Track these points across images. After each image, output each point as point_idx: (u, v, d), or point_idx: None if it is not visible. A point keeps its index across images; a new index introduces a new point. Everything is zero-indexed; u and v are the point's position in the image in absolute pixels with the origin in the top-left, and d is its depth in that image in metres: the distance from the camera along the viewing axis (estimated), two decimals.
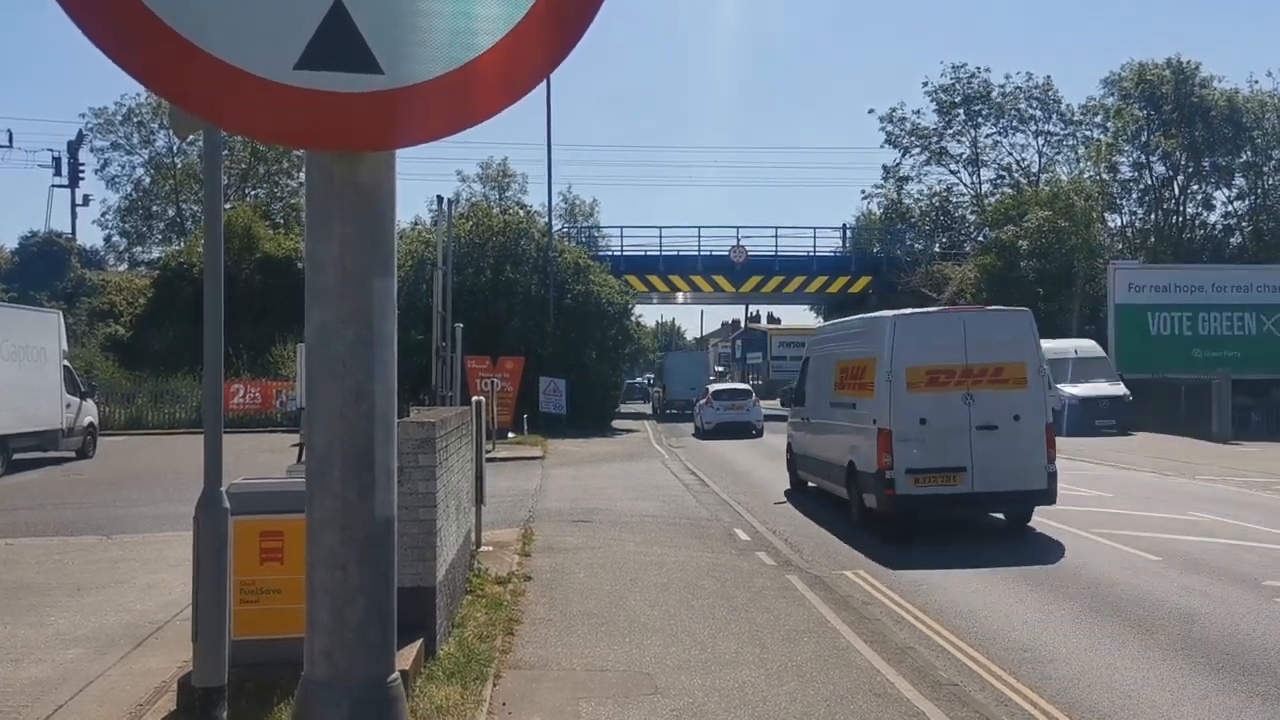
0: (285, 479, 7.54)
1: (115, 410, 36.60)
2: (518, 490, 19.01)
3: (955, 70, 57.35)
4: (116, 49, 1.84)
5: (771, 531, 14.78)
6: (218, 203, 6.12)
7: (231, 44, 1.83)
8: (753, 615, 9.56)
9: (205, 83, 1.86)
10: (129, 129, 57.45)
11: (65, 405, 24.75)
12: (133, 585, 10.53)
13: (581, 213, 69.43)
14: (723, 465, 25.11)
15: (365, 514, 1.96)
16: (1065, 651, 8.49)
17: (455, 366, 24.74)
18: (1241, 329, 36.91)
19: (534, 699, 7.10)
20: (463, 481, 10.27)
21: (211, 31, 1.83)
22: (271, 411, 36.99)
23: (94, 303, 47.27)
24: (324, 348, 1.96)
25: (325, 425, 1.96)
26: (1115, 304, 36.90)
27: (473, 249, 39.21)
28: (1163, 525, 14.54)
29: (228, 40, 1.83)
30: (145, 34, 1.82)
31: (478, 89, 1.95)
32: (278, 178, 57.12)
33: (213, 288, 5.93)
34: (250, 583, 6.66)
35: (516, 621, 9.24)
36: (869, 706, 6.95)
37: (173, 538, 12.39)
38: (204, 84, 1.86)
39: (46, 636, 8.54)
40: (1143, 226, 53.18)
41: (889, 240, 54.46)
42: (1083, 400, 32.03)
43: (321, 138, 1.91)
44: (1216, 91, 50.11)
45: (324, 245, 1.95)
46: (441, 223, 27.93)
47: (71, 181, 58.48)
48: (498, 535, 13.46)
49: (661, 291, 52.13)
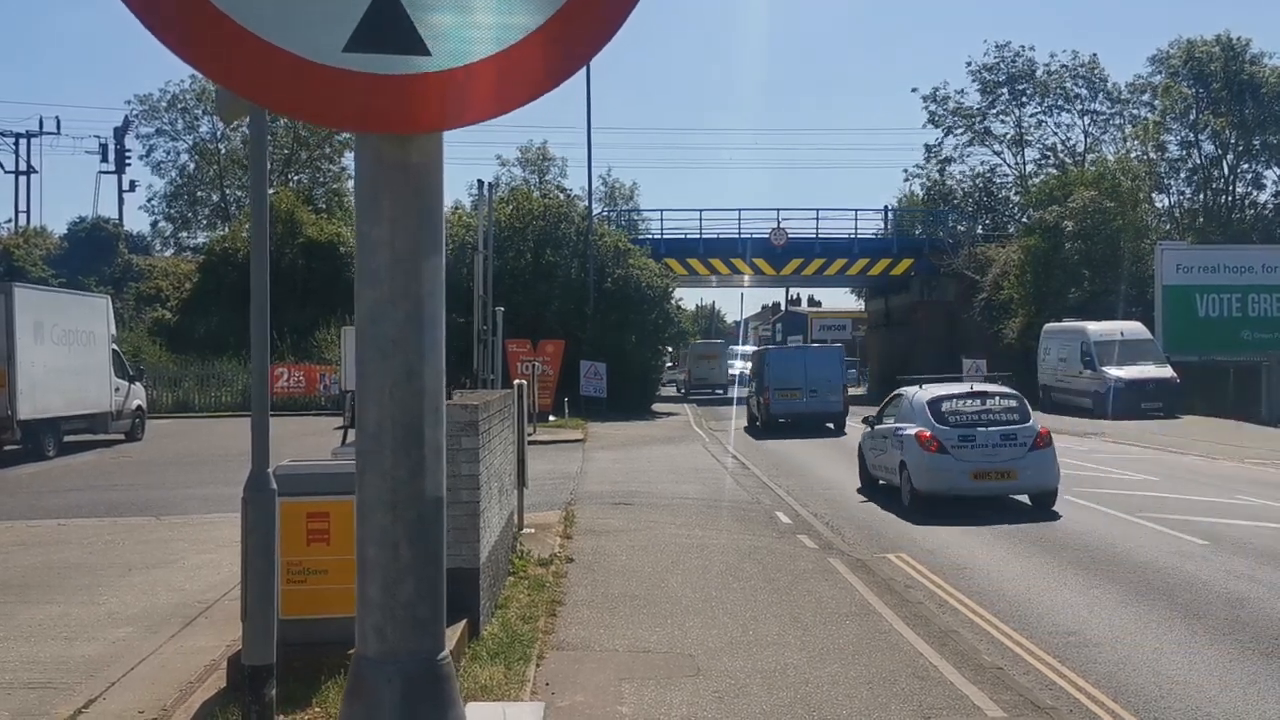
0: (331, 461, 7.62)
1: (163, 393, 37.08)
2: (559, 473, 19.09)
3: (999, 49, 56.46)
4: (169, 33, 1.86)
5: (813, 515, 14.75)
6: (263, 187, 6.17)
7: (281, 27, 1.85)
8: (794, 598, 9.55)
9: (255, 66, 1.87)
10: (174, 115, 58.00)
11: (114, 388, 25.15)
12: (182, 565, 10.71)
13: (621, 196, 69.35)
14: (766, 452, 25.05)
15: (416, 492, 1.98)
16: (1110, 635, 8.42)
17: (496, 350, 24.85)
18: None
19: (577, 679, 7.15)
20: (505, 464, 10.33)
21: (261, 15, 1.84)
22: (315, 395, 37.32)
23: (141, 287, 47.89)
24: (374, 327, 1.98)
25: (376, 404, 1.98)
26: (1163, 285, 36.36)
27: (513, 233, 39.30)
28: (1210, 509, 14.35)
29: (277, 23, 1.85)
30: (197, 18, 1.84)
31: (524, 71, 1.96)
32: (320, 163, 57.51)
33: (258, 271, 5.99)
34: (297, 563, 6.75)
35: (559, 603, 9.29)
36: (912, 689, 6.93)
37: (220, 519, 12.58)
38: (254, 67, 1.88)
39: (98, 615, 8.70)
40: (1191, 206, 52.22)
41: (931, 222, 53.88)
42: (1129, 383, 31.62)
43: (370, 120, 1.92)
44: (1267, 68, 49.02)
45: (374, 226, 1.96)
46: (482, 207, 28.03)
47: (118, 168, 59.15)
48: (540, 518, 13.53)
49: (701, 275, 51.91)
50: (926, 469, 14.68)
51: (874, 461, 16.83)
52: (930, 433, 14.76)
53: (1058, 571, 10.88)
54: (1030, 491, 14.82)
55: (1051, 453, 14.82)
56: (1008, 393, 16.17)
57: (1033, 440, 14.73)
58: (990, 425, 14.89)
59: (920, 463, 14.76)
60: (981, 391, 16.12)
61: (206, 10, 1.84)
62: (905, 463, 15.10)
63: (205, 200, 60.51)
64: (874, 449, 16.85)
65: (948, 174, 57.94)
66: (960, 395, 15.74)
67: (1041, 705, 6.70)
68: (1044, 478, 14.66)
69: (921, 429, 14.91)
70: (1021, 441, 14.67)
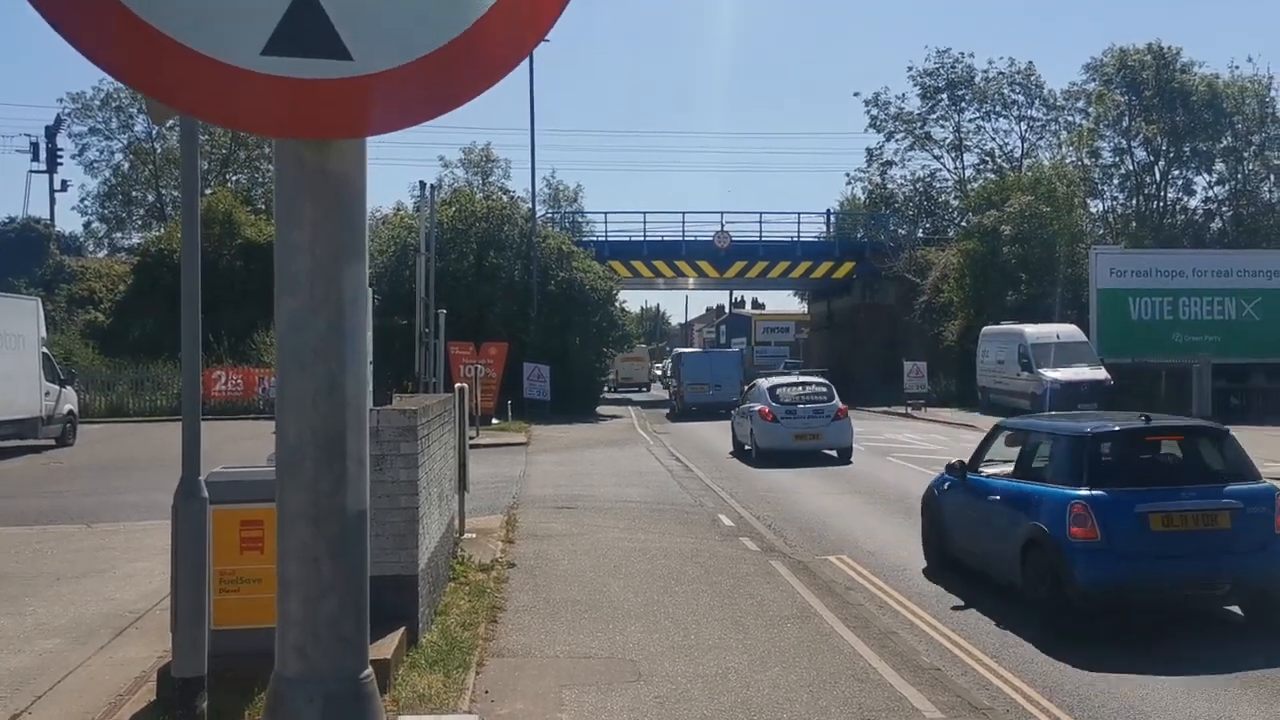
0: (265, 467, 7.49)
1: (95, 398, 36.28)
2: (501, 477, 18.98)
3: (939, 55, 57.34)
4: (82, 38, 1.79)
5: (755, 517, 14.80)
6: (195, 189, 6.05)
7: (197, 30, 1.79)
8: (736, 601, 9.57)
9: (171, 70, 1.81)
10: (107, 114, 56.81)
11: (44, 393, 24.53)
12: (112, 574, 10.47)
13: (565, 198, 69.21)
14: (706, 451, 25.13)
15: (338, 507, 1.93)
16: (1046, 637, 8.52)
17: (438, 352, 24.66)
18: (1221, 313, 37.07)
19: (517, 686, 7.09)
20: (445, 468, 10.23)
21: (177, 18, 1.78)
22: (254, 399, 36.73)
23: (73, 289, 46.86)
24: (295, 336, 1.92)
25: (296, 416, 1.92)
26: (1097, 289, 36.98)
27: (456, 235, 39.04)
28: None
29: (193, 26, 1.79)
30: (110, 22, 1.78)
31: (451, 74, 1.92)
32: (259, 163, 56.55)
33: (190, 275, 5.87)
34: (230, 572, 6.62)
35: (499, 609, 9.23)
36: (852, 691, 6.97)
37: (153, 526, 12.31)
38: (170, 72, 1.82)
39: (25, 627, 8.47)
40: (1124, 212, 53.26)
41: (873, 225, 54.44)
42: (1064, 384, 32.14)
43: (290, 125, 1.88)
44: (1197, 77, 50.17)
45: (294, 233, 1.91)
46: (424, 208, 27.83)
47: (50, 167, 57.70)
48: (481, 522, 13.43)
49: (646, 277, 52.00)
50: (765, 433, 21.82)
51: (738, 431, 23.82)
52: (769, 409, 21.90)
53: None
54: (832, 448, 21.74)
55: (848, 422, 22.15)
56: (821, 382, 24.02)
57: (834, 414, 21.99)
58: (807, 403, 22.24)
59: (761, 429, 21.89)
60: (804, 380, 24.65)
61: (120, 13, 1.77)
62: (753, 430, 22.11)
63: (140, 201, 59.32)
64: (738, 423, 23.94)
65: (889, 178, 58.72)
66: (790, 383, 23.89)
67: (979, 706, 6.77)
68: (841, 439, 21.82)
69: (763, 406, 22.02)
70: (827, 415, 21.95)
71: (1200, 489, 8.66)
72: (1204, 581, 8.40)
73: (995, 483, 10.03)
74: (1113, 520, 8.35)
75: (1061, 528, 8.47)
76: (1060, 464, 9.14)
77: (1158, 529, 8.35)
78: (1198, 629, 8.77)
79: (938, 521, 11.02)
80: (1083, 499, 8.47)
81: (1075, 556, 8.34)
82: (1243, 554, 8.42)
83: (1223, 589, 8.50)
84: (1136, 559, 8.33)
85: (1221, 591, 8.56)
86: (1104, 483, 8.65)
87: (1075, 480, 8.73)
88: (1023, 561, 9.00)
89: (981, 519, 10.03)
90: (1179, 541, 8.41)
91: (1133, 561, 8.32)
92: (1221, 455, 9.10)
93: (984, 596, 9.69)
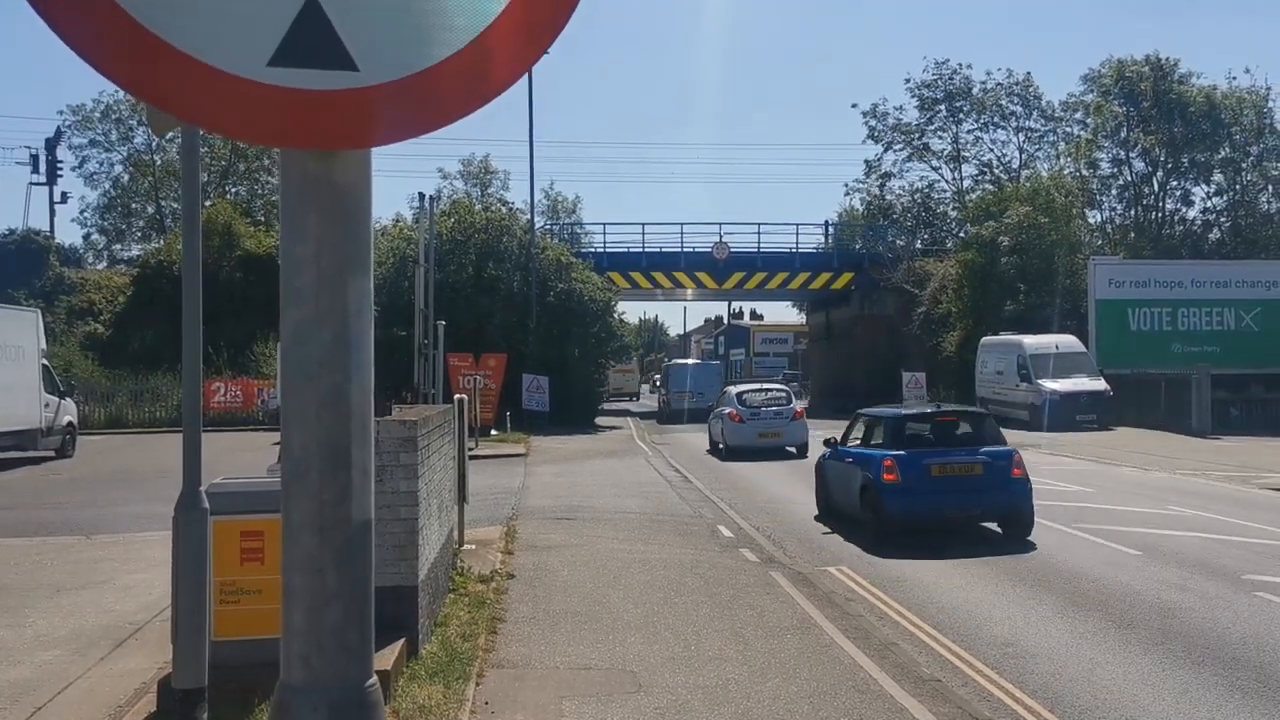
0: (265, 478, 7.49)
1: (95, 409, 36.25)
2: (501, 488, 18.96)
3: (937, 66, 57.47)
4: (88, 47, 1.80)
5: (755, 528, 14.79)
6: (196, 201, 6.07)
7: (203, 41, 1.80)
8: (736, 612, 9.56)
9: (177, 80, 1.82)
10: (107, 126, 56.92)
11: (44, 404, 24.54)
12: (112, 586, 10.46)
13: (564, 209, 69.25)
14: (703, 462, 25.13)
15: (343, 517, 1.94)
16: (1047, 646, 8.53)
17: (437, 364, 24.67)
18: (1220, 324, 37.17)
19: (517, 698, 7.08)
20: (445, 480, 10.23)
21: (183, 28, 1.79)
22: (253, 410, 36.74)
23: (73, 301, 46.89)
24: (300, 348, 1.92)
25: (301, 427, 1.93)
26: (1095, 299, 37.09)
27: (455, 246, 39.07)
28: (1143, 520, 14.63)
29: (199, 37, 1.79)
30: (116, 31, 1.79)
31: (456, 86, 1.93)
32: (258, 174, 56.69)
33: (191, 286, 5.88)
34: (230, 583, 6.62)
35: (499, 620, 9.22)
36: (852, 703, 6.96)
37: (153, 538, 12.31)
38: (176, 82, 1.82)
39: (25, 638, 8.46)
40: (1122, 222, 53.37)
41: (871, 236, 54.51)
42: (1064, 395, 32.21)
43: (296, 136, 1.88)
44: (1195, 88, 50.31)
45: (299, 244, 1.92)
46: (423, 220, 27.87)
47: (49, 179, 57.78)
48: (481, 533, 13.42)
49: (645, 288, 52.03)
50: (733, 432, 25.67)
51: (712, 433, 27.66)
52: (736, 412, 25.71)
53: (994, 582, 11.02)
54: (791, 445, 25.17)
55: (804, 423, 26.01)
56: (781, 388, 28.49)
57: (793, 415, 25.91)
58: (769, 406, 25.99)
59: (730, 429, 25.74)
60: (766, 387, 28.39)
61: (126, 23, 1.78)
62: (723, 430, 26.00)
63: (140, 212, 59.40)
64: (713, 425, 27.78)
65: (887, 189, 58.81)
66: (754, 389, 27.54)
67: (979, 717, 6.76)
68: (799, 437, 25.36)
69: (732, 410, 25.83)
70: (786, 416, 25.84)
71: (965, 450, 13.41)
72: (965, 509, 13.10)
73: (851, 450, 14.66)
74: (908, 470, 12.96)
75: (878, 475, 13.06)
76: (883, 436, 13.88)
77: (936, 475, 12.96)
78: (969, 538, 13.12)
79: (821, 480, 15.59)
80: (891, 456, 13.16)
81: (886, 494, 12.96)
82: (990, 491, 13.06)
83: (977, 514, 13.28)
84: (923, 494, 12.89)
85: (976, 515, 13.29)
86: (905, 446, 13.39)
87: (890, 445, 13.52)
88: (860, 500, 13.63)
89: (843, 475, 14.55)
90: (949, 483, 12.99)
91: (920, 496, 12.88)
92: (982, 428, 14.01)
93: (843, 527, 14.17)
